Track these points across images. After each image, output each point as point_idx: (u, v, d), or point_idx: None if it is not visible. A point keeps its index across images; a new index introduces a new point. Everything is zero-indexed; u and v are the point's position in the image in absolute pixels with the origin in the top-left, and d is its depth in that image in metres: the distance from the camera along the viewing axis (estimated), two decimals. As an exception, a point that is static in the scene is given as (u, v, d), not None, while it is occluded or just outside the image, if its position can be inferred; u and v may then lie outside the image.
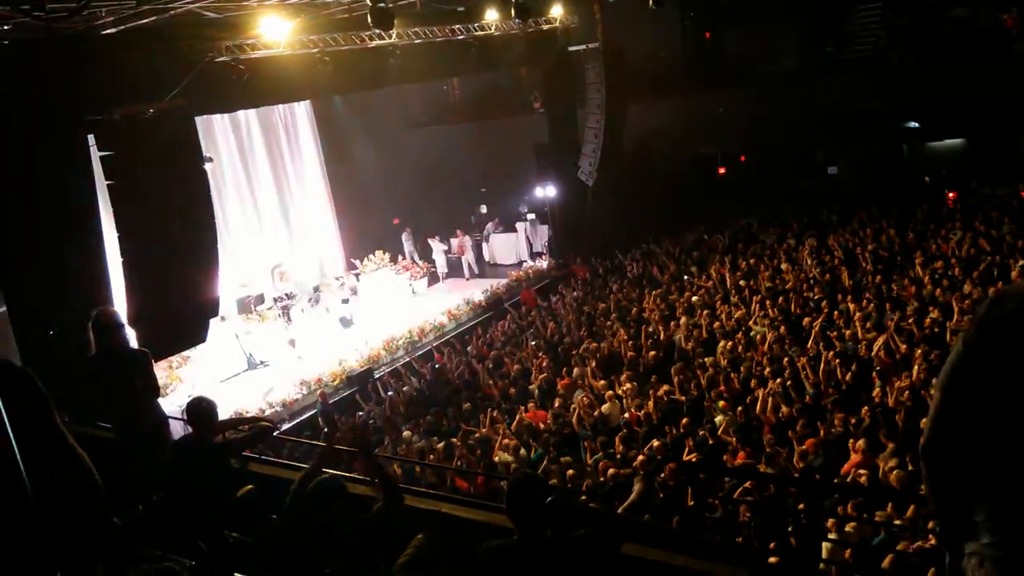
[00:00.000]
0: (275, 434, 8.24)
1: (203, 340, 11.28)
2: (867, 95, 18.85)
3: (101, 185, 10.18)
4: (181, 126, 10.25)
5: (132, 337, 7.89)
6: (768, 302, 12.43)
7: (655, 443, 8.49)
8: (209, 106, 12.34)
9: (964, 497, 1.87)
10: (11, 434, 1.98)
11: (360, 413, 11.83)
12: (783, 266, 14.56)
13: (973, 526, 1.84)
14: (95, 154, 10.07)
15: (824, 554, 5.83)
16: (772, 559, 4.98)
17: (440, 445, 9.47)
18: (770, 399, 9.00)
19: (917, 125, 19.01)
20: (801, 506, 6.44)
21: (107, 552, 3.11)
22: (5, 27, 9.13)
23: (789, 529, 6.24)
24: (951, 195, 17.51)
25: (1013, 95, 16.61)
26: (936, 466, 1.93)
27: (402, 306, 17.22)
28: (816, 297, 12.43)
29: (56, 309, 9.22)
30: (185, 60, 10.59)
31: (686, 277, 15.37)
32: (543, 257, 19.84)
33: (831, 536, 6.03)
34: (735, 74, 23.01)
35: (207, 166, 10.89)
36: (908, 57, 19.24)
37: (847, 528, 6.10)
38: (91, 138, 9.98)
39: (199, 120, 11.81)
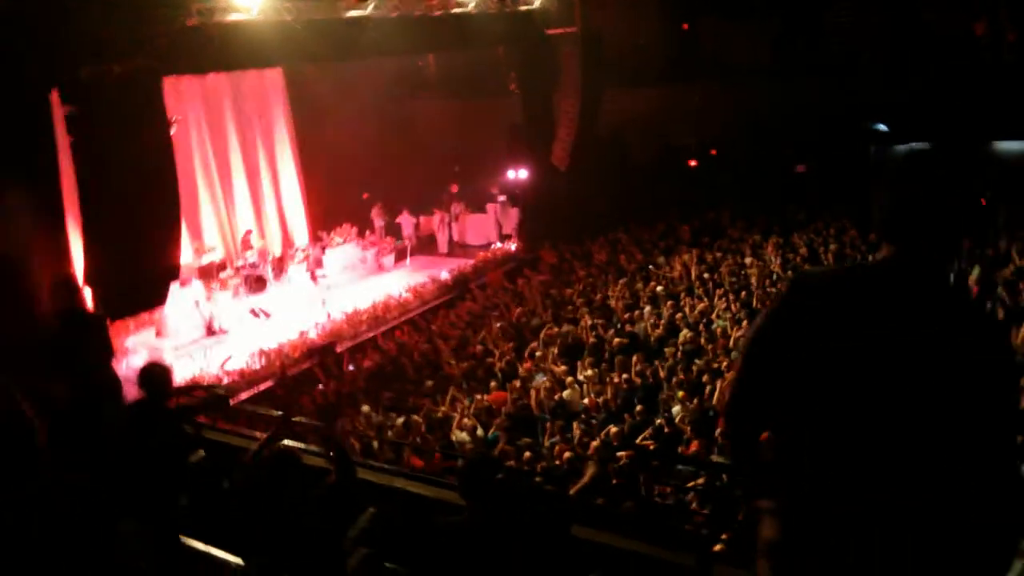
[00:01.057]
0: (231, 403, 8.19)
1: (162, 303, 11.16)
2: (837, 95, 19.07)
3: (63, 144, 9.95)
4: (148, 87, 10.07)
5: (89, 300, 7.77)
6: (731, 295, 12.58)
7: (612, 429, 8.58)
8: (177, 68, 12.07)
9: (758, 456, 2.08)
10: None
11: (320, 386, 11.77)
12: (747, 260, 14.74)
13: (766, 484, 2.06)
14: (58, 113, 9.84)
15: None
16: (718, 547, 5.07)
17: (400, 420, 9.47)
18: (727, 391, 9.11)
19: (886, 128, 19.28)
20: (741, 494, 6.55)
21: (54, 513, 3.08)
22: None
23: (738, 519, 6.34)
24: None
25: (981, 102, 16.92)
26: (736, 425, 2.11)
27: (367, 281, 17.13)
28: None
29: (12, 267, 9.01)
30: (155, 21, 10.35)
31: (651, 267, 15.49)
32: (512, 240, 19.84)
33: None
34: (711, 67, 23.13)
35: (173, 128, 10.72)
36: (879, 58, 19.49)
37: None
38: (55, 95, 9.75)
39: (167, 82, 11.60)
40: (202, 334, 14.39)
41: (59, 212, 10.05)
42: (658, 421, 8.88)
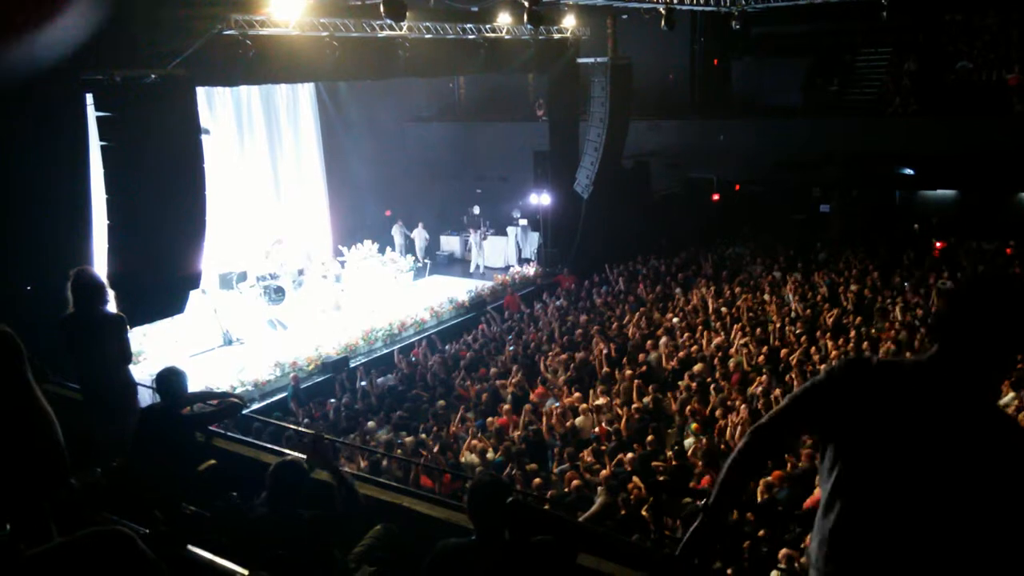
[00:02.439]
0: (244, 412, 8.21)
1: (181, 311, 11.19)
2: (866, 137, 19.05)
3: (94, 147, 10.10)
4: (181, 95, 10.19)
5: (112, 301, 7.82)
6: (748, 331, 12.50)
7: (625, 456, 8.51)
8: (212, 78, 12.28)
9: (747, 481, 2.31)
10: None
11: (332, 401, 11.78)
12: (766, 297, 14.65)
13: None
14: (92, 114, 9.98)
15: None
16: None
17: (409, 439, 9.45)
18: (740, 427, 9.04)
19: (912, 172, 19.22)
20: (761, 533, 6.48)
21: (61, 510, 3.09)
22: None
23: (745, 556, 6.27)
24: (938, 244, 17.70)
25: (1009, 152, 16.83)
26: (754, 446, 2.23)
27: (385, 298, 17.17)
28: (796, 331, 12.52)
29: (37, 266, 9.13)
30: (193, 29, 10.54)
31: (670, 300, 15.43)
32: (531, 264, 19.87)
33: (780, 567, 6.08)
34: (739, 103, 23.22)
35: (204, 138, 10.83)
36: (910, 104, 19.46)
37: (800, 561, 6.14)
38: (89, 98, 9.90)
39: (200, 91, 11.76)
40: (219, 343, 14.46)
41: (87, 214, 10.20)
42: (668, 453, 8.81)
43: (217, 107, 16.93)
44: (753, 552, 6.35)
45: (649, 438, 9.04)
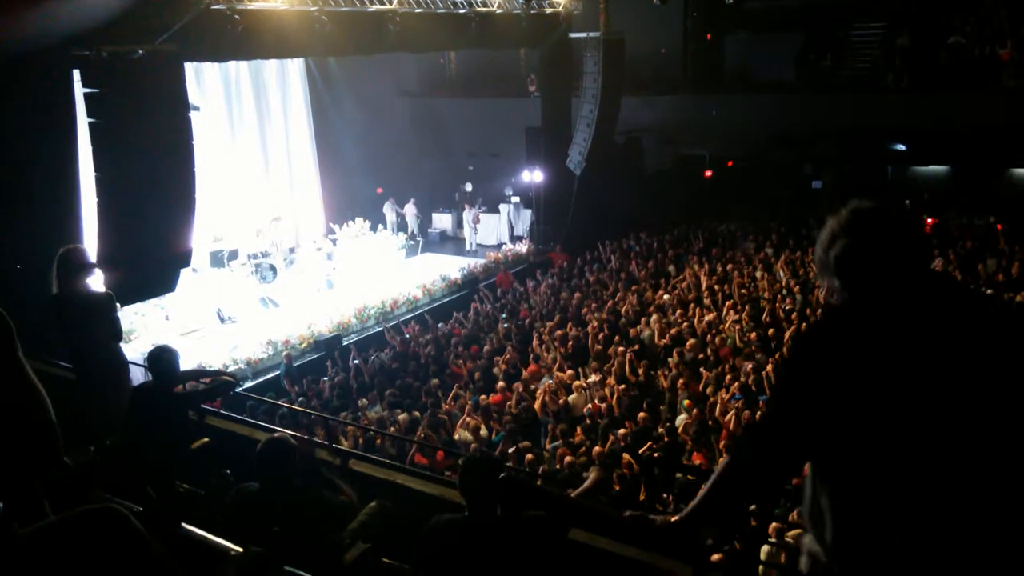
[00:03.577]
0: (236, 391, 8.21)
1: (172, 290, 11.17)
2: (859, 113, 19.00)
3: (81, 123, 10.00)
4: (169, 71, 10.09)
5: (100, 279, 7.79)
6: (740, 308, 12.54)
7: (618, 432, 8.56)
8: (200, 54, 12.10)
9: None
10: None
11: (324, 379, 11.79)
12: (758, 274, 14.68)
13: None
14: (79, 91, 9.88)
15: (763, 556, 5.94)
16: (715, 557, 5.06)
17: (403, 417, 9.48)
18: (730, 403, 9.10)
19: (904, 148, 19.20)
20: (752, 508, 6.54)
21: (55, 489, 3.09)
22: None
23: (738, 531, 6.33)
24: (930, 221, 17.73)
25: (1001, 128, 16.82)
26: (754, 456, 2.11)
27: (376, 276, 17.15)
28: (788, 308, 12.56)
29: (25, 244, 9.07)
30: (181, 3, 10.39)
31: (662, 277, 15.45)
32: (523, 241, 19.85)
33: (771, 540, 6.14)
34: (731, 79, 23.11)
35: (192, 114, 10.74)
36: (903, 80, 19.40)
37: (788, 535, 6.20)
38: (76, 74, 9.79)
39: (189, 67, 11.63)
40: (211, 321, 14.43)
41: (75, 191, 10.12)
42: (661, 429, 8.86)
43: (206, 83, 16.76)
44: (743, 526, 6.41)
45: (641, 415, 9.09)
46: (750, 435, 2.15)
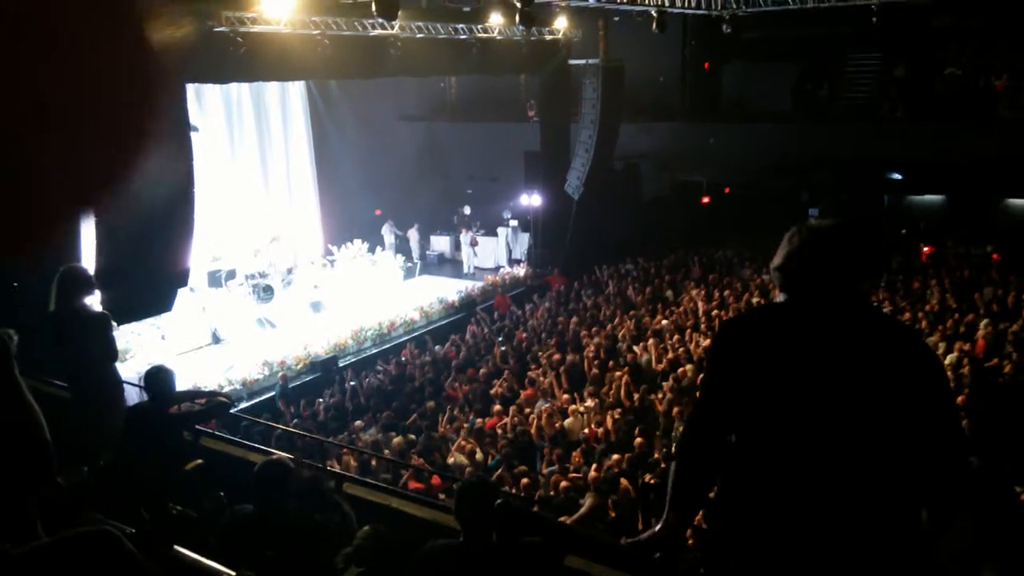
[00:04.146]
0: (232, 411, 8.16)
1: (168, 309, 11.15)
2: (855, 142, 19.14)
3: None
4: (170, 92, 10.14)
5: (97, 298, 7.77)
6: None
7: (613, 457, 8.51)
8: (202, 75, 12.18)
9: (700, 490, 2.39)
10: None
11: (320, 400, 11.74)
12: (755, 300, 14.68)
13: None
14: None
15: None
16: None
17: (398, 439, 9.43)
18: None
19: (900, 177, 19.32)
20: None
21: (47, 509, 3.06)
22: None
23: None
24: (926, 249, 17.80)
25: (996, 158, 16.94)
26: (688, 460, 2.38)
27: (374, 297, 17.14)
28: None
29: (22, 263, 9.04)
30: (182, 25, 10.46)
31: (659, 302, 15.45)
32: (521, 264, 19.87)
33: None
34: (729, 107, 23.30)
35: (193, 135, 10.78)
36: (899, 110, 19.57)
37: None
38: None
39: (190, 87, 11.68)
40: (207, 341, 14.39)
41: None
42: (657, 455, 8.81)
43: (207, 104, 16.85)
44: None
45: (637, 440, 9.04)
46: (688, 421, 2.44)
